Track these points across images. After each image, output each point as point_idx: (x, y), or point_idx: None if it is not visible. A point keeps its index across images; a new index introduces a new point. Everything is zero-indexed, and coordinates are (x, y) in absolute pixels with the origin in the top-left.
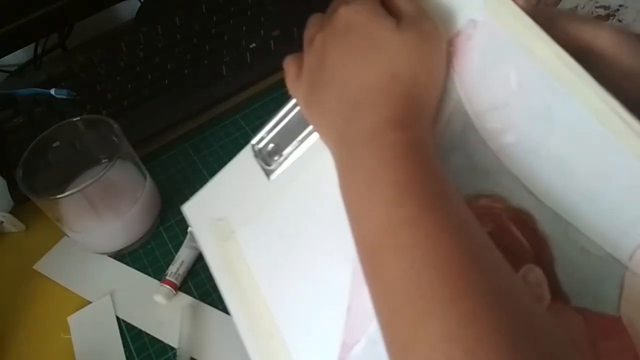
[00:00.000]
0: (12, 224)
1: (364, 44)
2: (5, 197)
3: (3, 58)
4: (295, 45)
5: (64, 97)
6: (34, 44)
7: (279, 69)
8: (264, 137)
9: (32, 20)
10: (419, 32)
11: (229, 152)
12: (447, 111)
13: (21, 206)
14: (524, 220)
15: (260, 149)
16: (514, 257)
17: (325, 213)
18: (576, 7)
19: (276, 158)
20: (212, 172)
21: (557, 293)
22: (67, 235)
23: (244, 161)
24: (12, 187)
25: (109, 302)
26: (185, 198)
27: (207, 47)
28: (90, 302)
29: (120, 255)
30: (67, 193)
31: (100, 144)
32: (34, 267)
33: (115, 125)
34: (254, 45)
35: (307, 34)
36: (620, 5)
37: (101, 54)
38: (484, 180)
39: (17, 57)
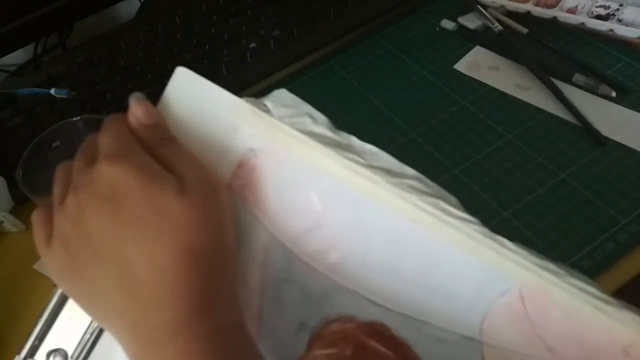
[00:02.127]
0: (12, 224)
1: (142, 213)
2: (5, 197)
3: (3, 58)
4: (295, 45)
5: (64, 96)
6: (34, 43)
7: (279, 68)
8: (36, 345)
9: (32, 20)
10: (205, 190)
11: None
12: (259, 249)
13: (21, 206)
14: (379, 332)
15: None
16: None
17: None
18: (576, 6)
19: None
20: None
21: None
22: None
23: None
24: (12, 187)
25: None
26: None
27: (207, 47)
28: None
29: None
30: None
31: None
32: (34, 267)
33: None
34: (254, 45)
35: (57, 189)
36: (621, 5)
37: (101, 53)
38: (326, 304)
39: (17, 57)
